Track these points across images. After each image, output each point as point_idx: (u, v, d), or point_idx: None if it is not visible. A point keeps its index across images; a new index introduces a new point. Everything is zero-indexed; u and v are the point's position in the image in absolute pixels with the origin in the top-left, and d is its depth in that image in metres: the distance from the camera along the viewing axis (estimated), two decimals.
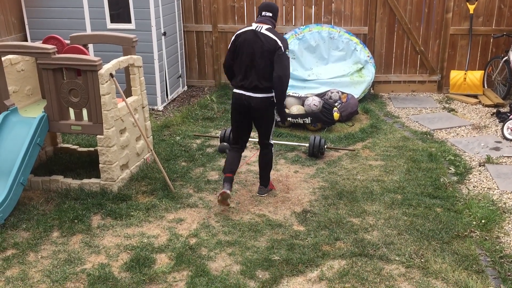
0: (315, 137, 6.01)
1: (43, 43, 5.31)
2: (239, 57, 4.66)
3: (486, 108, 7.83)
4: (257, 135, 5.00)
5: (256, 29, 4.58)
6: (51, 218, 4.60)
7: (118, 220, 4.61)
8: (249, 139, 5.20)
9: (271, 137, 4.97)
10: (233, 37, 4.70)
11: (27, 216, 4.63)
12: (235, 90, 4.77)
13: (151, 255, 4.08)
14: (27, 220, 4.58)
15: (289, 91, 7.73)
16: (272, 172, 5.22)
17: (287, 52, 4.56)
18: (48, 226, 4.48)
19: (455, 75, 8.34)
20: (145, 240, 4.30)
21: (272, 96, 4.71)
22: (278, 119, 5.03)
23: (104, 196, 4.94)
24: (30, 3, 7.57)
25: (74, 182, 5.09)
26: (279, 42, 4.52)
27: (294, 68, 8.07)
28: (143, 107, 5.57)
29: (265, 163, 5.05)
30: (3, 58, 5.02)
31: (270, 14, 4.67)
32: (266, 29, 4.58)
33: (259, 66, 4.57)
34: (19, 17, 7.70)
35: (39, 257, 4.08)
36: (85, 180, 5.10)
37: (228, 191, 4.70)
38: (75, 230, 4.44)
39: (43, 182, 5.14)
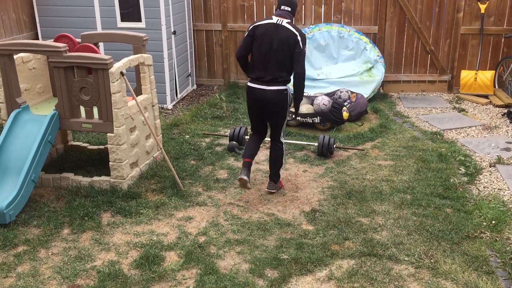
0: (324, 137, 6.01)
1: (54, 41, 5.35)
2: (258, 49, 4.68)
3: (497, 108, 7.78)
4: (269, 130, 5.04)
5: (277, 22, 4.63)
6: (62, 215, 4.64)
7: (127, 218, 4.64)
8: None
9: (282, 134, 4.98)
10: (250, 28, 4.71)
11: (38, 213, 4.67)
12: (249, 84, 4.79)
13: (160, 253, 4.10)
14: (38, 217, 4.62)
15: None
16: (281, 171, 5.22)
17: (305, 48, 4.67)
18: (58, 223, 4.52)
19: (466, 75, 8.29)
20: (155, 238, 4.32)
21: (286, 89, 4.74)
22: (288, 117, 5.04)
23: (114, 193, 4.97)
24: (41, 1, 7.62)
25: (84, 180, 5.12)
26: (299, 37, 4.60)
27: None
28: (153, 106, 5.59)
29: (275, 160, 5.06)
30: (15, 56, 5.06)
31: (289, 9, 4.72)
32: (287, 22, 4.63)
33: (278, 57, 4.61)
34: (31, 15, 7.76)
35: (50, 253, 4.12)
36: (95, 178, 5.13)
37: (245, 177, 4.80)
38: (85, 227, 4.48)
39: (54, 180, 5.18)
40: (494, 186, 5.29)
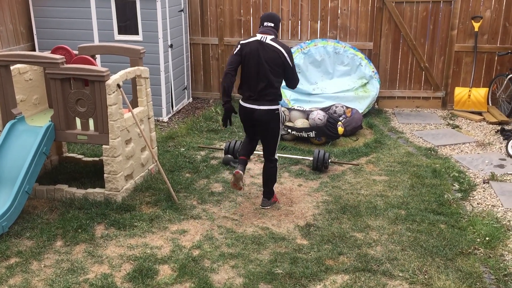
0: (319, 151, 6.03)
1: (51, 53, 5.37)
2: (245, 68, 4.72)
3: (490, 125, 7.84)
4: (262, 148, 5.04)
5: (261, 40, 4.66)
6: (55, 227, 4.61)
7: (121, 230, 4.61)
8: (254, 151, 5.29)
9: (276, 152, 4.99)
10: (238, 47, 4.74)
11: (31, 225, 4.64)
12: (241, 103, 4.84)
13: (154, 266, 4.07)
14: (31, 229, 4.58)
15: (294, 105, 7.78)
16: (276, 185, 5.22)
17: (293, 61, 4.76)
18: (51, 235, 4.48)
19: (460, 92, 8.37)
20: (148, 251, 4.30)
21: (277, 109, 4.77)
22: (283, 132, 5.06)
23: (108, 206, 4.95)
24: (39, 13, 7.65)
25: (78, 192, 5.10)
26: (285, 53, 4.66)
27: (299, 82, 8.09)
28: (148, 118, 5.60)
29: (268, 177, 5.06)
30: (11, 67, 5.07)
31: (272, 25, 4.76)
32: (271, 39, 4.66)
33: (265, 75, 4.65)
34: (28, 27, 7.78)
35: (42, 266, 4.08)
36: (90, 190, 5.11)
37: (241, 172, 4.81)
38: (78, 239, 4.45)
39: (47, 191, 5.16)
40: (488, 203, 5.31)
